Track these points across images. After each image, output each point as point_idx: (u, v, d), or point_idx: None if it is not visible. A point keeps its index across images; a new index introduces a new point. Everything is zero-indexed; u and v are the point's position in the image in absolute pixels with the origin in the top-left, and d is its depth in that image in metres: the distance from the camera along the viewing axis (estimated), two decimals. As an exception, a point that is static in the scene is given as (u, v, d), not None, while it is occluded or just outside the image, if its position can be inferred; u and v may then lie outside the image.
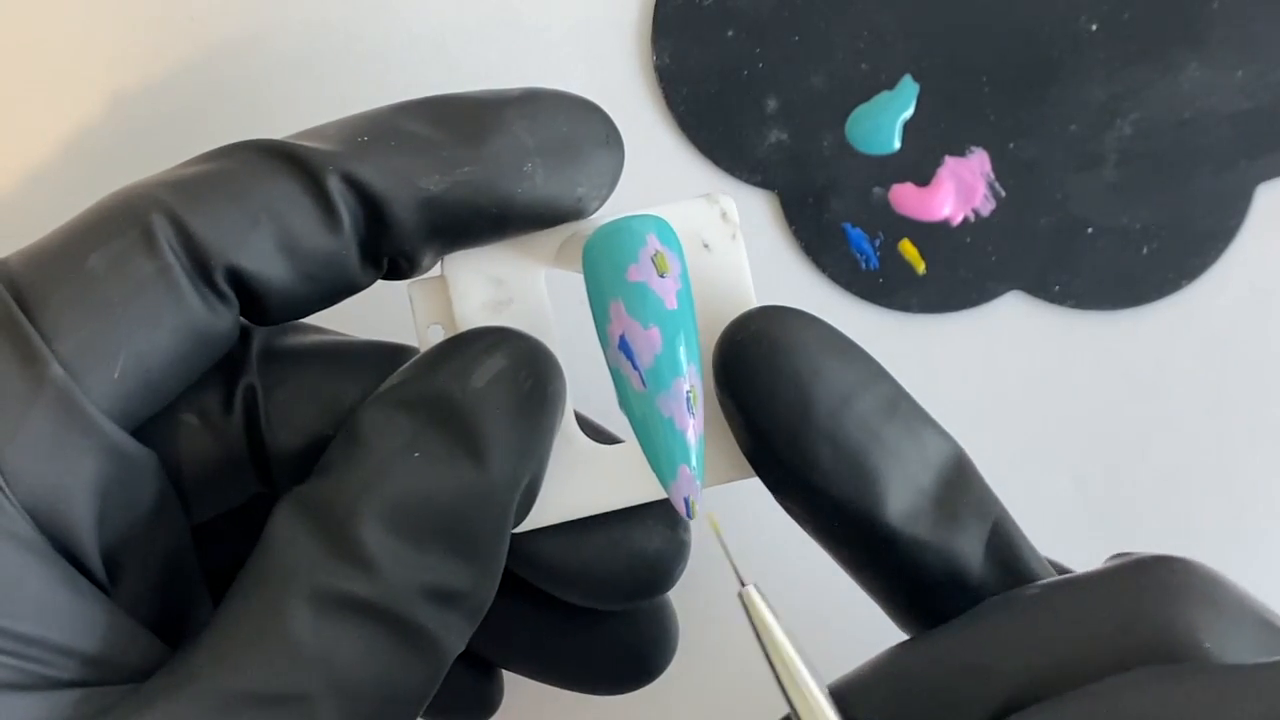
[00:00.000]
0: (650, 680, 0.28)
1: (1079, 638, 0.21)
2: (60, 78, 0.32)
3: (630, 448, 0.25)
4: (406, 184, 0.23)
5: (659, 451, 0.21)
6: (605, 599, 0.26)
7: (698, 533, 0.27)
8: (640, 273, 0.21)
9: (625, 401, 0.22)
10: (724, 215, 0.25)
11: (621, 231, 0.21)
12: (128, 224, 0.22)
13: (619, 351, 0.21)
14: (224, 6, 0.32)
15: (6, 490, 0.21)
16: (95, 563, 0.22)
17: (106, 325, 0.21)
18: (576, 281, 0.25)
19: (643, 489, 0.25)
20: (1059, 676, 0.21)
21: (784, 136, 0.31)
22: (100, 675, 0.21)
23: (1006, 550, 0.23)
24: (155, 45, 0.32)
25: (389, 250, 0.23)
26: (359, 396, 0.24)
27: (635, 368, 0.21)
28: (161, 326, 0.22)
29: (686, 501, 0.22)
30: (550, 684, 0.28)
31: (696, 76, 0.31)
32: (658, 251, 0.21)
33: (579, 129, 0.24)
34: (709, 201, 0.25)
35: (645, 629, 0.27)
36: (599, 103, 0.24)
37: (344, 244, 0.23)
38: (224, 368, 0.24)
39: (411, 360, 0.24)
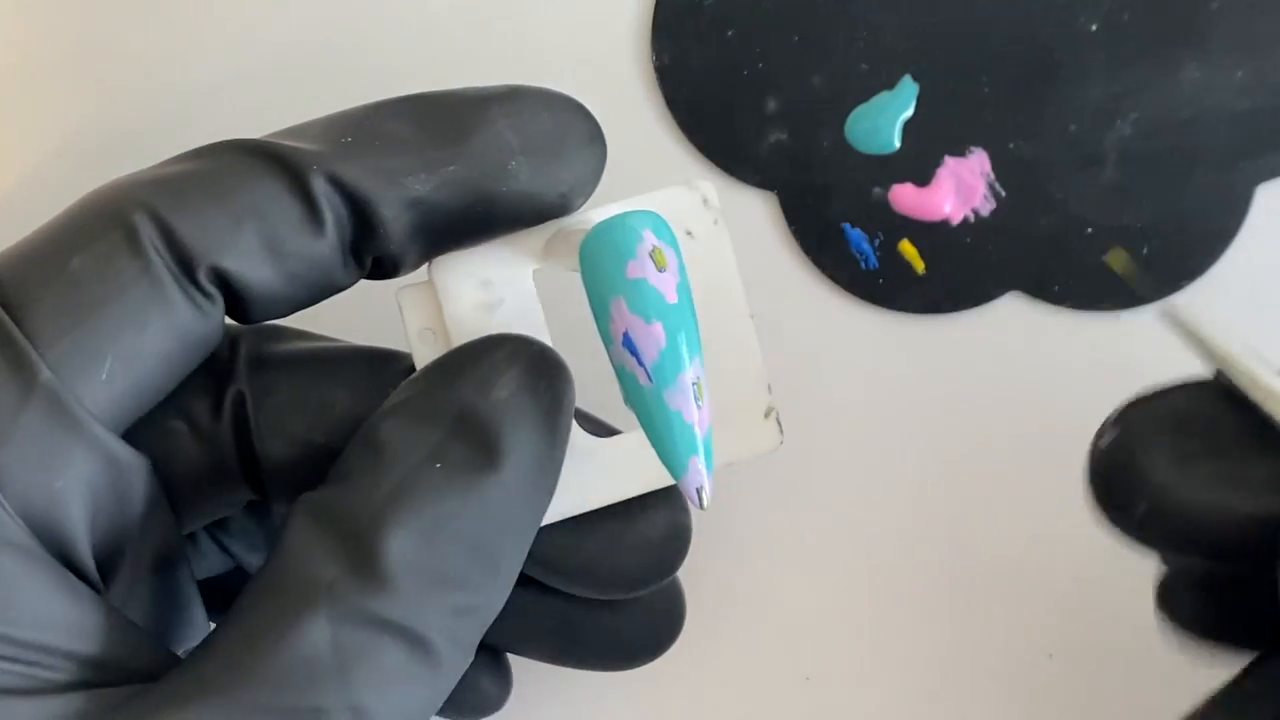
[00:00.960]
0: (660, 654, 0.28)
1: None
2: (59, 78, 0.32)
3: (627, 439, 0.25)
4: (392, 184, 0.23)
5: (668, 445, 0.21)
6: (612, 589, 0.26)
7: (697, 514, 0.27)
8: (639, 269, 0.21)
9: (631, 397, 0.22)
10: (705, 201, 0.25)
11: (618, 228, 0.21)
12: (110, 224, 0.22)
13: (623, 349, 0.21)
14: (224, 6, 0.32)
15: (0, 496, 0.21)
16: (89, 565, 0.22)
17: (93, 328, 0.21)
18: (561, 276, 0.25)
19: (644, 479, 0.25)
20: None
21: (784, 136, 0.31)
22: (101, 677, 0.21)
23: None
24: (154, 45, 0.32)
25: (373, 250, 0.23)
26: (348, 403, 0.24)
27: (640, 364, 0.21)
28: (147, 327, 0.22)
29: (698, 492, 0.22)
30: (558, 665, 0.28)
31: (696, 76, 0.31)
32: (655, 246, 0.21)
33: (562, 126, 0.24)
34: (689, 188, 0.25)
35: (653, 607, 0.28)
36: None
37: (328, 245, 0.23)
38: (212, 375, 0.24)
39: (425, 368, 0.23)
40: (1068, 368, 0.31)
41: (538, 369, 0.23)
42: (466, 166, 0.23)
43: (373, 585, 0.21)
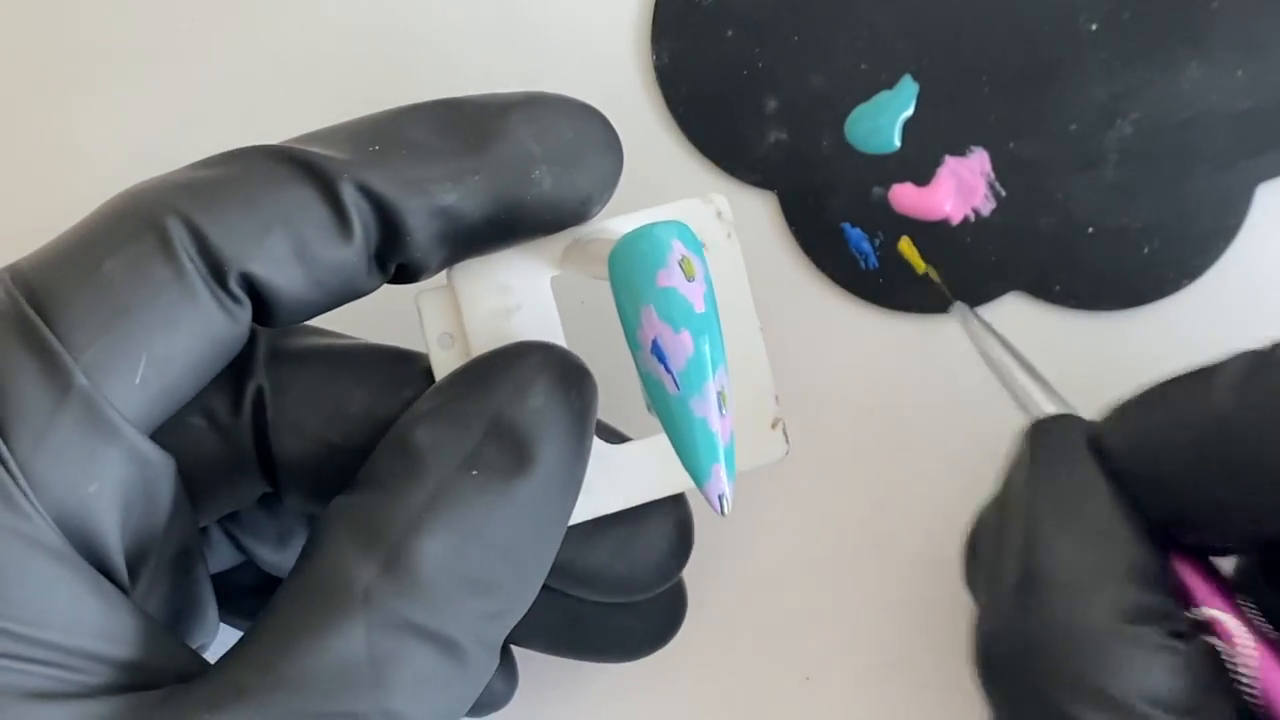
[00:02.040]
0: (660, 647, 0.28)
1: None
2: (59, 78, 0.32)
3: (638, 446, 0.25)
4: (419, 193, 0.23)
5: (693, 452, 0.22)
6: (617, 593, 0.26)
7: (698, 514, 0.27)
8: (669, 278, 0.21)
9: (657, 405, 0.22)
10: (719, 214, 0.25)
11: (648, 238, 0.22)
12: (143, 227, 0.22)
13: (651, 356, 0.21)
14: (224, 6, 0.32)
15: (34, 500, 0.21)
16: (119, 567, 0.22)
17: (126, 332, 0.21)
18: (574, 283, 0.25)
19: (654, 485, 0.25)
20: None
21: (784, 136, 0.31)
22: (134, 679, 0.21)
23: None
24: (155, 45, 0.32)
25: (398, 257, 0.23)
26: (365, 403, 0.24)
27: (668, 371, 0.21)
28: (179, 331, 0.22)
29: (720, 499, 0.22)
30: (558, 656, 0.29)
31: (696, 76, 0.31)
32: (684, 256, 0.22)
33: (582, 134, 0.24)
34: (704, 201, 0.25)
35: (655, 603, 0.28)
36: (599, 103, 0.25)
37: (355, 252, 0.23)
38: (232, 371, 0.24)
39: (455, 373, 0.24)
40: (1068, 368, 0.31)
41: (567, 376, 0.23)
42: (491, 175, 0.23)
43: (408, 591, 0.21)
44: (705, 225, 0.25)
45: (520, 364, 0.23)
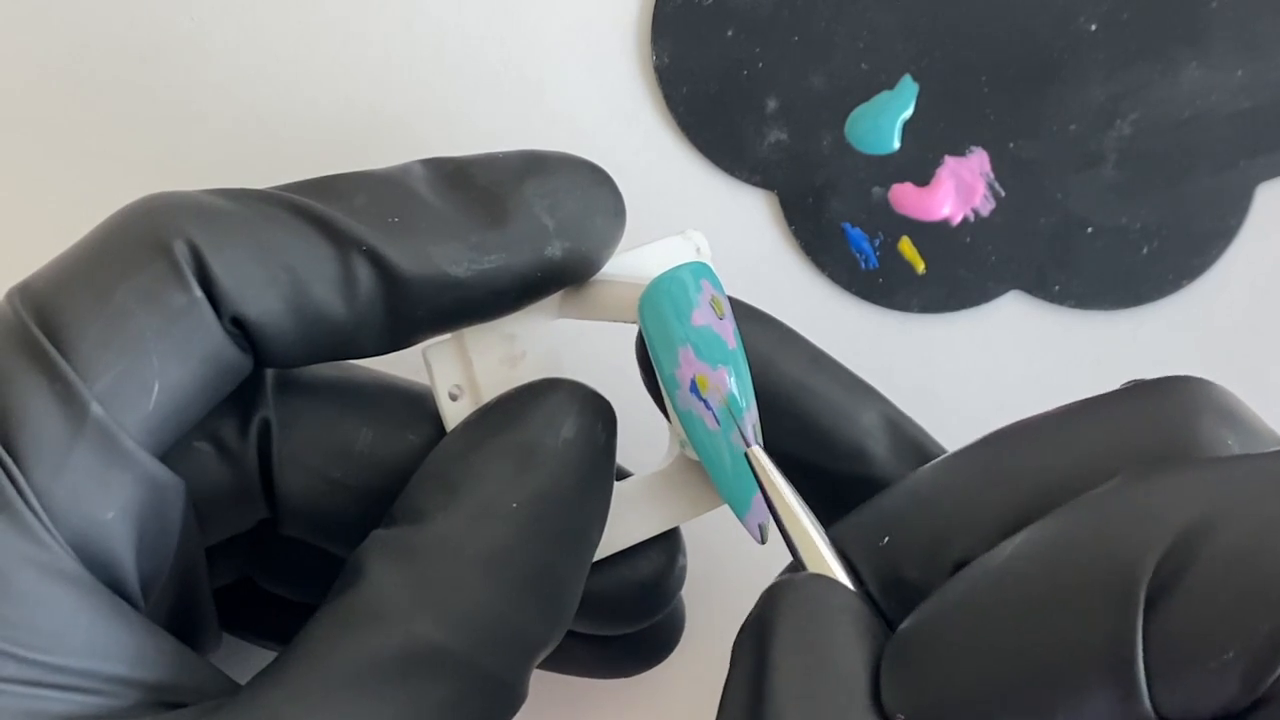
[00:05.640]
0: (660, 662, 0.28)
1: (1097, 444, 0.21)
2: (58, 77, 0.32)
3: (637, 482, 0.25)
4: (433, 269, 0.23)
5: (734, 484, 0.22)
6: (611, 626, 0.27)
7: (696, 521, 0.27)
8: (703, 317, 0.22)
9: (696, 440, 0.22)
10: (699, 250, 0.25)
11: (679, 281, 0.23)
12: (154, 252, 0.22)
13: (690, 394, 0.22)
14: (224, 7, 0.32)
15: (52, 529, 0.21)
16: (134, 589, 0.22)
17: (141, 360, 0.22)
18: (571, 325, 0.25)
19: (656, 521, 0.26)
20: (1077, 478, 0.20)
21: (784, 136, 0.31)
22: (161, 700, 0.22)
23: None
24: (155, 45, 0.32)
25: (401, 324, 0.23)
26: (370, 442, 0.25)
27: (708, 409, 0.22)
28: (191, 358, 0.22)
29: (760, 528, 0.23)
30: (560, 673, 0.29)
31: (696, 76, 0.31)
32: (714, 295, 0.23)
33: (591, 201, 0.24)
34: (684, 239, 0.25)
35: (650, 628, 0.28)
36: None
37: (356, 317, 0.23)
38: (240, 397, 0.24)
39: (486, 409, 0.24)
40: (1068, 368, 0.31)
41: (594, 411, 0.24)
42: (507, 254, 0.23)
43: (448, 624, 0.22)
44: (686, 261, 0.25)
45: (550, 399, 0.24)
